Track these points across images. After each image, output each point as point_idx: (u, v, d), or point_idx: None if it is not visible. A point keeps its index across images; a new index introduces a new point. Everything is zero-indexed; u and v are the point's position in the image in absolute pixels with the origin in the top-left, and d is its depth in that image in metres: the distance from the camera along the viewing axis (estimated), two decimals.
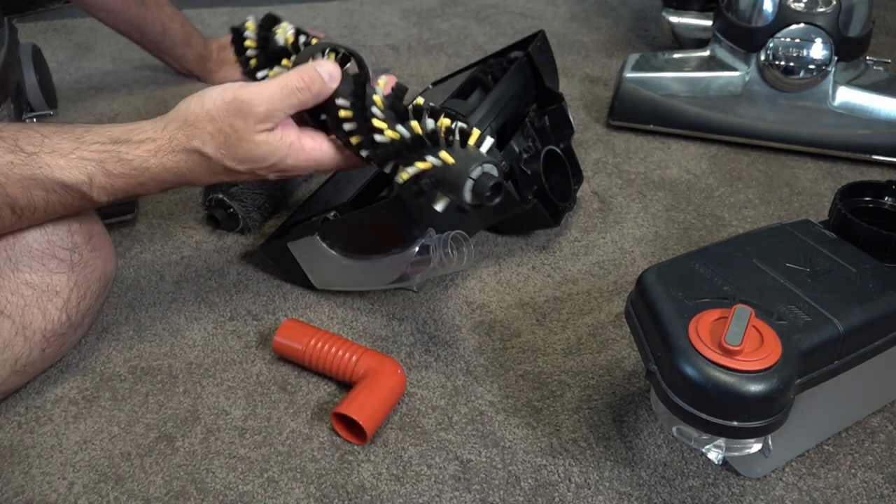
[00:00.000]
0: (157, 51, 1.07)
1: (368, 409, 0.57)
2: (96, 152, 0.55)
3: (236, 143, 0.56)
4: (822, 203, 0.86)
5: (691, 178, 0.91)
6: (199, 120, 0.56)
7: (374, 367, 0.60)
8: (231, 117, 0.55)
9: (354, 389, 0.59)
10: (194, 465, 0.56)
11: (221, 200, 0.77)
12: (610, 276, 0.75)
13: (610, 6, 1.37)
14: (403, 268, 0.65)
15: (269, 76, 0.63)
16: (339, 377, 0.61)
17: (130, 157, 0.56)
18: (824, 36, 0.88)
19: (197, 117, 0.56)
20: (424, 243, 0.63)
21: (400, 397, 0.60)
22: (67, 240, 0.59)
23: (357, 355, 0.61)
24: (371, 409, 0.57)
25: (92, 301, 0.62)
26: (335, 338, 0.62)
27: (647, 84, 0.96)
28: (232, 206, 0.78)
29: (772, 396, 0.45)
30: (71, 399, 0.62)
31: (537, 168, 0.73)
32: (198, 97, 0.56)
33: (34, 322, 0.58)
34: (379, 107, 0.57)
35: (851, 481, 0.56)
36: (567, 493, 0.55)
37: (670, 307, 0.50)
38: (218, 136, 0.55)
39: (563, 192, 0.78)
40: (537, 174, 0.73)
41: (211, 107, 0.55)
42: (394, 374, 0.60)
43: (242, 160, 0.57)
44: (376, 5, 1.37)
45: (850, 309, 0.50)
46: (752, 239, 0.57)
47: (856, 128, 0.91)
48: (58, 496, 0.54)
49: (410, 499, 0.54)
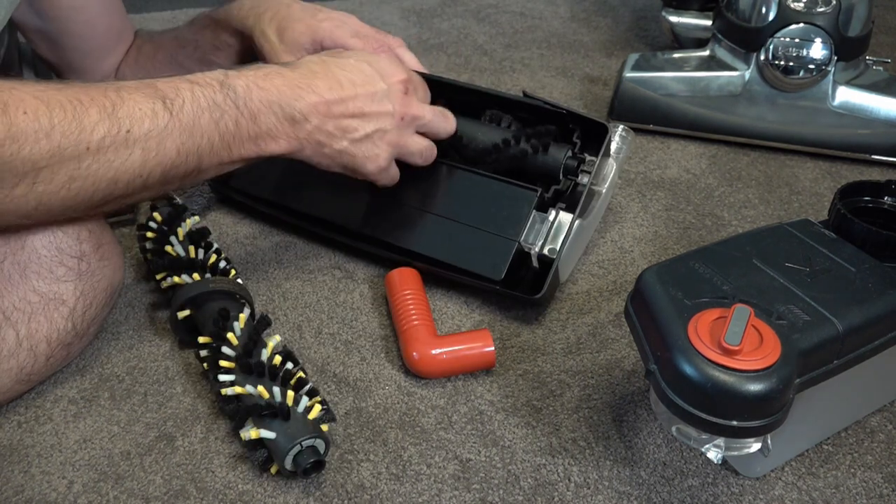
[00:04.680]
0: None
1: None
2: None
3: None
4: (822, 203, 0.87)
5: (691, 177, 0.91)
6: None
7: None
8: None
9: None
10: (194, 465, 0.56)
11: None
12: (609, 275, 0.75)
13: (610, 6, 1.37)
14: None
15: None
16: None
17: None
18: (824, 36, 0.88)
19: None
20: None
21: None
22: (76, 248, 0.58)
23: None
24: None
25: (98, 310, 0.61)
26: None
27: (647, 84, 0.96)
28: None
29: (771, 396, 0.45)
30: (70, 398, 0.62)
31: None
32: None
33: (40, 331, 0.57)
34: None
35: (851, 481, 0.56)
36: (566, 492, 0.55)
37: (670, 307, 0.50)
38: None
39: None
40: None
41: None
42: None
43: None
44: (376, 5, 1.37)
45: (850, 308, 0.50)
46: (752, 238, 0.57)
47: (855, 127, 0.91)
48: (57, 495, 0.54)
49: (410, 498, 0.54)
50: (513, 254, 0.68)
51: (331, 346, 0.67)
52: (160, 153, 0.54)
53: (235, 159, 0.59)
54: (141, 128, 0.53)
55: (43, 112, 0.49)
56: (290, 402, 0.54)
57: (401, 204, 0.73)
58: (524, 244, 0.68)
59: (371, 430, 0.59)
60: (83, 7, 0.78)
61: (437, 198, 0.72)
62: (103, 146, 0.51)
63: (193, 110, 0.55)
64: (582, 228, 0.70)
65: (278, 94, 0.59)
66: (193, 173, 0.58)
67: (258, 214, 0.82)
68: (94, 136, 0.51)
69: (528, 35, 1.26)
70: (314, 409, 0.55)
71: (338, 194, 0.75)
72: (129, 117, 0.52)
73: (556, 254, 0.67)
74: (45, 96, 0.50)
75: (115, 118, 0.52)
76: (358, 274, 0.75)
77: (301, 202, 0.77)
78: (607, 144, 0.70)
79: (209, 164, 0.58)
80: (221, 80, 0.57)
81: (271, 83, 0.59)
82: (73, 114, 0.50)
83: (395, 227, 0.73)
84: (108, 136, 0.51)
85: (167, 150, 0.54)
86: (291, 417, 0.54)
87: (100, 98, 0.52)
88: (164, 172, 0.55)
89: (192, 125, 0.55)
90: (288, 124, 0.59)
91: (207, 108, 0.56)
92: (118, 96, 0.53)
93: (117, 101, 0.52)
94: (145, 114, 0.53)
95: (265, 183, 0.79)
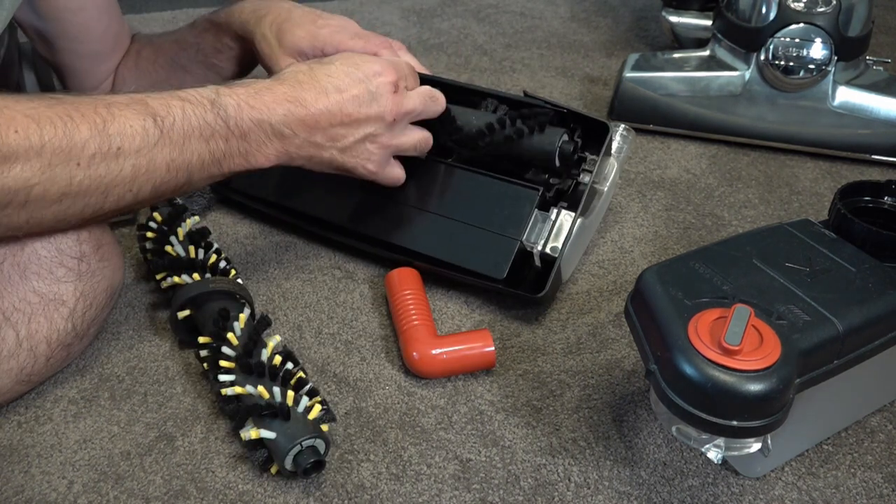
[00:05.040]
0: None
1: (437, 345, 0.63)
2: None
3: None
4: (822, 203, 0.87)
5: (691, 177, 0.91)
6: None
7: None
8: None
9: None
10: (194, 465, 0.56)
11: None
12: (609, 275, 0.75)
13: (610, 6, 1.37)
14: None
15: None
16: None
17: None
18: (824, 36, 0.88)
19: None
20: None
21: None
22: (76, 248, 0.58)
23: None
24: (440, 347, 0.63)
25: (98, 311, 0.61)
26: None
27: (647, 84, 0.96)
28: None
29: (771, 396, 0.45)
30: (70, 398, 0.62)
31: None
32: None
33: (40, 331, 0.57)
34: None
35: (851, 481, 0.56)
36: (566, 492, 0.55)
37: (670, 307, 0.50)
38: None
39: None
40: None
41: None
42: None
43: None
44: (376, 5, 1.37)
45: (850, 308, 0.50)
46: (752, 238, 0.57)
47: (855, 127, 0.91)
48: (57, 495, 0.54)
49: (410, 498, 0.54)
50: (515, 253, 0.68)
51: (331, 346, 0.67)
52: (150, 169, 0.55)
53: (226, 173, 0.60)
54: (132, 144, 0.53)
55: (34, 130, 0.50)
56: (290, 402, 0.54)
57: (402, 204, 0.73)
58: (526, 243, 0.68)
59: (371, 430, 0.59)
60: (80, 9, 0.78)
61: (438, 197, 0.72)
62: (94, 162, 0.52)
63: (184, 128, 0.56)
64: (583, 227, 0.70)
65: (268, 113, 0.59)
66: (184, 187, 0.59)
67: (258, 214, 0.82)
68: (85, 153, 0.51)
69: (528, 35, 1.26)
70: (314, 409, 0.55)
71: (338, 194, 0.75)
72: (120, 134, 0.53)
73: (559, 252, 0.67)
74: (36, 114, 0.50)
75: (106, 135, 0.52)
76: (358, 274, 0.75)
77: (301, 202, 0.77)
78: (608, 143, 0.70)
79: (199, 179, 0.59)
80: (213, 99, 0.58)
81: (261, 101, 0.59)
82: (64, 130, 0.51)
83: (397, 227, 0.73)
84: (99, 152, 0.52)
85: (157, 167, 0.55)
86: (291, 417, 0.54)
87: (90, 115, 0.52)
88: (154, 188, 0.56)
89: (183, 143, 0.56)
90: (277, 140, 0.60)
91: (198, 127, 0.56)
92: (109, 113, 0.53)
93: (108, 117, 0.53)
94: (136, 131, 0.54)
95: (265, 183, 0.79)
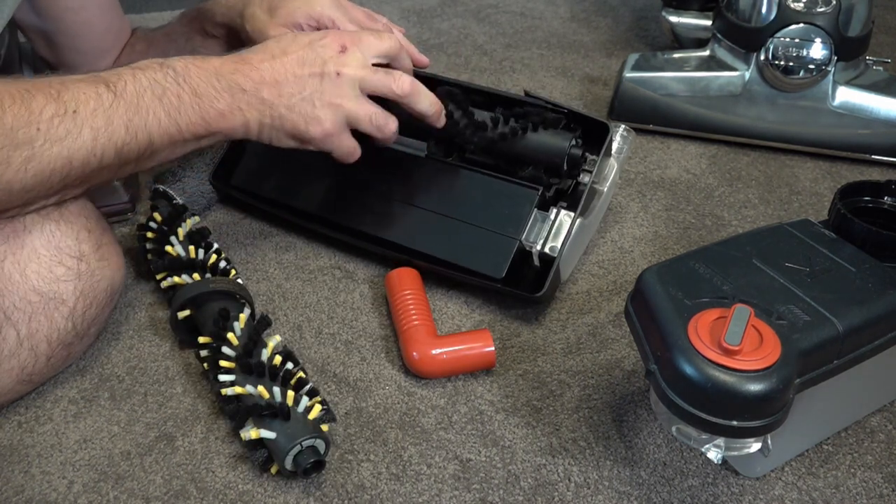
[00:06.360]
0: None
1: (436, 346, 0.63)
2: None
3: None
4: (822, 203, 0.87)
5: (691, 177, 0.91)
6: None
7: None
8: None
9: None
10: (194, 465, 0.56)
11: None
12: (609, 275, 0.75)
13: (610, 6, 1.37)
14: None
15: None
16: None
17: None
18: (824, 36, 0.88)
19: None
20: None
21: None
22: (75, 248, 0.59)
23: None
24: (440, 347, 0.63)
25: (98, 310, 0.61)
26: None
27: (647, 84, 0.96)
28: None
29: (771, 396, 0.45)
30: (71, 398, 0.62)
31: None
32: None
33: (40, 330, 0.57)
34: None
35: (851, 481, 0.56)
36: (566, 492, 0.55)
37: (670, 307, 0.50)
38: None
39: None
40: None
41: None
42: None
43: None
44: (376, 5, 1.37)
45: (850, 308, 0.50)
46: (752, 239, 0.57)
47: (855, 128, 0.91)
48: (58, 495, 0.54)
49: (410, 498, 0.54)
50: (514, 252, 0.68)
51: (331, 346, 0.67)
52: (109, 131, 0.56)
53: (187, 137, 0.61)
54: (87, 107, 0.55)
55: None
56: (290, 402, 0.54)
57: (402, 202, 0.73)
58: (525, 243, 0.68)
59: (371, 430, 0.59)
60: (81, 7, 0.78)
61: (437, 196, 0.72)
62: (52, 125, 0.54)
63: (136, 89, 0.58)
64: (583, 227, 0.70)
65: (215, 70, 0.61)
66: (147, 152, 0.59)
67: (258, 214, 0.82)
68: (43, 117, 0.53)
69: (528, 35, 1.26)
70: (314, 409, 0.55)
71: (338, 193, 0.75)
72: (74, 99, 0.55)
73: (558, 252, 0.67)
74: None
75: (61, 101, 0.54)
76: (358, 274, 0.75)
77: (302, 200, 0.77)
78: (608, 144, 0.70)
79: (161, 143, 0.59)
80: (161, 62, 0.60)
81: (208, 63, 0.61)
82: (22, 100, 0.53)
83: (396, 225, 0.73)
84: (56, 115, 0.54)
85: (116, 128, 0.56)
86: (291, 417, 0.54)
87: (44, 87, 0.54)
88: (117, 151, 0.57)
89: (137, 102, 0.57)
90: (227, 95, 0.61)
91: (149, 86, 0.58)
92: (62, 85, 0.55)
93: (61, 88, 0.55)
94: (89, 96, 0.55)
95: (266, 181, 0.79)
